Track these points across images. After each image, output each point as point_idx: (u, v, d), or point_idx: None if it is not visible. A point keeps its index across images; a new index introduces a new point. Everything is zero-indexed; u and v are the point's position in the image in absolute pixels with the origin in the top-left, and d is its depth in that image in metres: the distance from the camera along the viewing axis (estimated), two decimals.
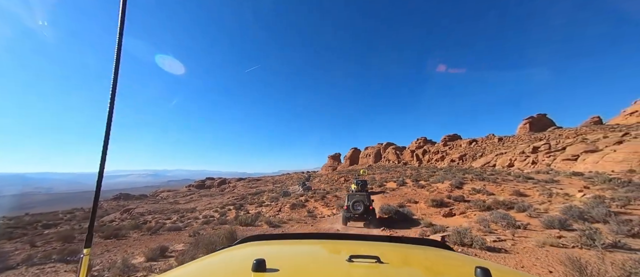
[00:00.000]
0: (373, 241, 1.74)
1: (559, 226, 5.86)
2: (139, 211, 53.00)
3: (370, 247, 1.46)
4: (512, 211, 8.78)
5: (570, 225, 5.88)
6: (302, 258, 1.27)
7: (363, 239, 1.79)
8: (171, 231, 10.75)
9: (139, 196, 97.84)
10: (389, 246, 1.55)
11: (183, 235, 8.83)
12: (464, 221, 8.87)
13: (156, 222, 29.71)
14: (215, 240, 4.98)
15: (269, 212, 20.70)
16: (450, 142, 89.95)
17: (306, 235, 1.80)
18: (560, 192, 14.91)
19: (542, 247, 4.73)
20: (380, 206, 14.01)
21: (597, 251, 4.25)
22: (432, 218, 10.51)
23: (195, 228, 10.75)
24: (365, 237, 1.85)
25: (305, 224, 10.76)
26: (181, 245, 6.76)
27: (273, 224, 10.15)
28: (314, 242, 1.64)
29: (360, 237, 1.82)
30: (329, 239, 1.74)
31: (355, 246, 1.52)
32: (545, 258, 4.48)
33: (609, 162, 28.90)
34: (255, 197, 47.82)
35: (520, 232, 6.01)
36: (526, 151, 45.60)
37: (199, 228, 10.47)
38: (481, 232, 6.07)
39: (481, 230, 6.17)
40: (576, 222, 6.12)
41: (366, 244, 1.59)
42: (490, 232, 6.03)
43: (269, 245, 1.56)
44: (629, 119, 61.52)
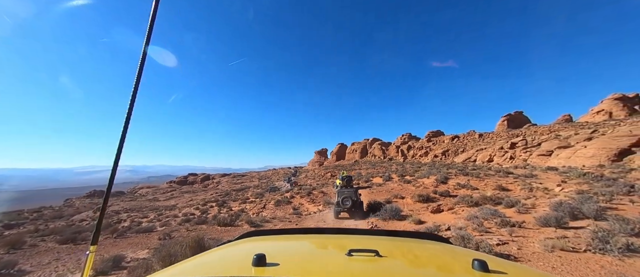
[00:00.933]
0: (372, 235, 1.75)
1: (556, 224, 5.62)
2: (114, 209, 50.13)
3: (369, 242, 1.47)
4: (500, 206, 8.70)
5: (567, 223, 5.70)
6: (302, 253, 1.28)
7: (362, 233, 1.80)
8: (142, 232, 9.76)
9: (116, 193, 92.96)
10: (388, 240, 1.57)
11: (153, 238, 7.97)
12: (453, 218, 8.67)
13: (131, 221, 27.98)
14: (176, 251, 4.26)
15: (253, 209, 19.93)
16: (434, 138, 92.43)
17: (306, 230, 1.83)
18: (539, 186, 15.29)
19: (551, 251, 4.30)
20: (367, 202, 13.69)
21: (614, 256, 3.87)
22: (420, 214, 10.29)
23: (168, 230, 9.83)
24: (365, 231, 1.89)
25: (289, 222, 10.20)
26: (145, 252, 5.96)
27: (254, 224, 9.47)
28: (313, 237, 1.65)
29: (360, 232, 1.84)
30: (328, 234, 1.75)
31: (354, 240, 1.52)
32: (566, 267, 3.81)
33: (580, 158, 30.56)
34: (240, 194, 46.63)
35: (517, 231, 5.67)
36: (505, 147, 47.50)
37: (173, 229, 9.57)
38: (476, 232, 5.73)
39: (476, 229, 5.86)
40: (572, 220, 5.90)
41: (365, 239, 1.59)
42: (485, 232, 5.71)
43: (269, 240, 1.56)
44: (596, 117, 65.92)
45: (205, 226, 9.88)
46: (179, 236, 8.05)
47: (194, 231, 8.68)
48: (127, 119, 1.18)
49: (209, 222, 10.50)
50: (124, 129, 1.19)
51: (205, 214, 25.00)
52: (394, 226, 9.14)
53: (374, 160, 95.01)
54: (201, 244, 4.62)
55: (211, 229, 9.06)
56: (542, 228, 5.67)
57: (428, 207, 11.73)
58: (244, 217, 10.52)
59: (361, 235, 1.75)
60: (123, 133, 1.18)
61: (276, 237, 1.68)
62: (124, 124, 1.18)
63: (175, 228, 10.01)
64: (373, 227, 8.74)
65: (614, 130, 36.11)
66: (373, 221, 9.79)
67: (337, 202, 11.69)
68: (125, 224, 25.79)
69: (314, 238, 1.63)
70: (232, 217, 9.97)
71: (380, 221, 9.88)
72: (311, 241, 1.56)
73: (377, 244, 1.24)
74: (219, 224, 9.33)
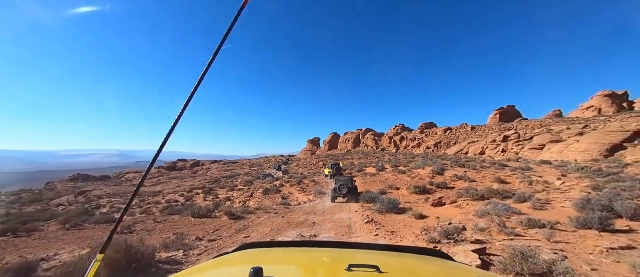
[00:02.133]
0: (372, 249, 1.72)
1: (600, 226, 4.72)
2: (96, 194, 48.14)
3: (370, 257, 1.45)
4: (510, 201, 7.89)
5: (612, 225, 4.77)
6: (300, 267, 1.24)
7: (362, 247, 1.79)
8: (104, 223, 8.47)
9: (101, 178, 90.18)
10: (388, 255, 1.55)
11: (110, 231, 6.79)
12: (458, 213, 7.80)
13: (111, 207, 26.61)
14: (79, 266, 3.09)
15: (239, 197, 18.84)
16: (427, 130, 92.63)
17: (305, 243, 1.82)
18: (539, 180, 14.72)
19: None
20: (361, 194, 12.79)
21: None
22: (420, 207, 9.40)
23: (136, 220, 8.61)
24: (365, 245, 1.87)
25: (275, 215, 9.15)
26: (77, 252, 4.78)
27: (234, 216, 8.33)
28: (312, 251, 1.62)
29: (360, 246, 1.82)
30: (328, 248, 1.73)
31: (354, 254, 1.50)
32: None
33: (573, 152, 30.59)
34: (229, 181, 45.41)
35: (555, 236, 4.45)
36: (497, 140, 47.58)
37: (139, 220, 8.35)
38: (503, 235, 4.56)
39: (502, 231, 4.88)
40: (617, 221, 4.84)
41: (365, 253, 1.57)
42: (516, 236, 4.60)
43: (267, 253, 1.54)
44: (585, 113, 66.97)
45: (178, 217, 8.70)
46: (142, 229, 6.89)
47: (163, 223, 7.52)
48: (182, 112, 1.15)
49: (182, 212, 9.32)
50: (175, 122, 1.14)
51: (189, 201, 23.83)
52: (391, 219, 8.21)
53: (367, 150, 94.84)
54: (130, 252, 3.49)
55: (183, 222, 7.92)
56: (583, 231, 4.65)
57: (427, 200, 10.88)
58: (223, 208, 9.37)
59: (361, 249, 1.71)
60: (173, 126, 1.15)
61: (274, 250, 1.63)
62: (178, 116, 1.14)
63: (141, 219, 8.80)
64: (369, 221, 7.77)
65: (605, 126, 36.33)
66: (369, 215, 8.83)
67: (334, 189, 13.45)
68: (103, 210, 24.44)
69: (314, 252, 1.60)
70: (208, 208, 8.81)
71: (377, 213, 8.94)
72: (310, 254, 1.51)
73: (377, 260, 1.21)
74: (193, 215, 8.17)
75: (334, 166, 26.31)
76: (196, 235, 6.00)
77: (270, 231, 6.74)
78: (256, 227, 7.15)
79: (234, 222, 7.78)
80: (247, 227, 7.08)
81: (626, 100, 66.43)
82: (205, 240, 5.73)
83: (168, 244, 4.80)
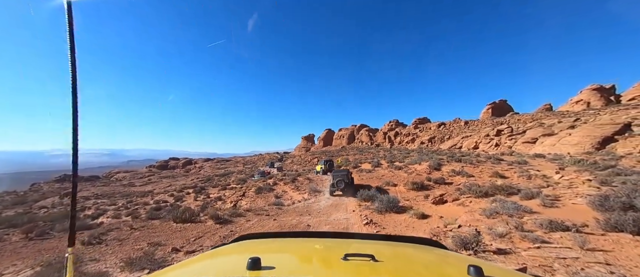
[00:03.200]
0: (368, 239, 1.74)
1: (634, 229, 4.19)
2: (83, 195, 46.53)
3: (365, 246, 1.48)
4: (516, 197, 7.45)
5: None
6: (297, 256, 1.26)
7: (358, 237, 1.80)
8: (82, 229, 7.64)
9: (89, 178, 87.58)
10: (384, 244, 1.58)
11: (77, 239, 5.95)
12: (462, 211, 7.31)
13: (96, 209, 25.52)
14: None
15: (231, 197, 18.10)
16: (421, 125, 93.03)
17: (302, 233, 1.95)
18: (537, 174, 14.46)
19: None
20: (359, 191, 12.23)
21: None
22: (420, 205, 8.90)
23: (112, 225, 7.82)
24: (360, 235, 1.93)
25: (266, 217, 8.47)
26: (25, 272, 4.03)
27: (221, 220, 7.60)
28: (309, 241, 1.64)
29: (355, 236, 1.85)
30: (324, 238, 1.76)
31: (350, 244, 1.52)
32: None
33: (565, 145, 30.82)
34: (222, 179, 44.45)
35: (588, 241, 3.84)
36: (491, 134, 47.87)
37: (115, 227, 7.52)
38: (528, 242, 4.06)
39: (525, 237, 4.31)
40: None
41: (361, 243, 1.59)
42: (542, 243, 3.99)
43: (264, 243, 1.55)
44: (575, 106, 68.17)
45: (159, 221, 7.92)
46: (114, 239, 6.11)
47: (140, 230, 6.76)
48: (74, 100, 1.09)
49: (164, 216, 8.54)
50: (73, 109, 1.09)
51: (179, 202, 22.96)
52: (392, 219, 7.67)
53: (362, 146, 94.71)
54: None
55: (163, 227, 7.15)
56: (613, 234, 4.03)
57: (427, 197, 10.40)
58: (210, 211, 8.63)
59: (357, 239, 1.71)
60: (74, 114, 1.09)
61: (272, 240, 1.65)
62: (72, 105, 1.09)
63: (116, 225, 7.99)
64: (369, 222, 7.21)
65: (595, 119, 36.80)
66: (367, 215, 8.28)
67: (332, 183, 13.93)
68: (87, 213, 23.33)
69: (310, 241, 1.62)
70: (193, 212, 8.02)
71: (376, 213, 8.39)
72: (307, 244, 1.53)
73: (372, 249, 1.24)
74: (175, 219, 7.40)
75: (326, 162, 25.93)
76: (173, 245, 5.30)
77: None
78: (244, 232, 6.48)
79: (220, 226, 7.07)
80: (234, 233, 6.41)
81: (613, 93, 67.88)
82: (183, 251, 5.03)
83: (134, 260, 4.05)
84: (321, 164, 26.08)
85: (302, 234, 1.83)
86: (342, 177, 13.88)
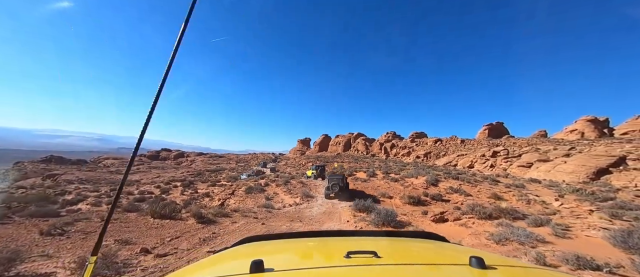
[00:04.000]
0: (370, 236, 1.78)
1: None
2: (66, 179, 44.98)
3: (367, 243, 1.50)
4: (522, 223, 6.98)
5: None
6: (300, 257, 1.27)
7: (360, 234, 1.86)
8: (44, 217, 6.76)
9: (77, 161, 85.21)
10: (386, 240, 1.60)
11: (38, 228, 5.16)
12: (466, 233, 6.79)
13: (77, 194, 24.37)
14: None
15: (219, 194, 17.34)
16: (418, 139, 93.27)
17: (304, 234, 1.87)
18: (536, 199, 14.12)
19: None
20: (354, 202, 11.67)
21: None
22: (419, 222, 8.37)
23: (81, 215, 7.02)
24: (362, 233, 2.12)
25: (254, 219, 7.78)
26: None
27: (204, 219, 6.88)
28: (312, 241, 1.64)
29: (357, 234, 2.00)
30: (326, 237, 1.77)
31: (352, 242, 1.52)
32: None
33: (560, 173, 30.83)
34: (213, 175, 43.38)
35: None
36: (487, 154, 47.93)
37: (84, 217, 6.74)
38: None
39: None
40: None
41: (363, 240, 1.60)
42: None
43: (267, 245, 1.55)
44: (569, 135, 69.17)
45: (136, 214, 7.17)
46: (79, 231, 5.37)
47: (113, 223, 6.04)
48: (157, 97, 1.10)
49: (141, 210, 7.76)
50: (152, 107, 1.10)
51: (165, 194, 22.01)
52: None
53: (357, 155, 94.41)
54: None
55: (138, 222, 6.42)
56: None
57: (425, 214, 9.89)
58: (193, 208, 7.89)
59: (359, 237, 1.74)
60: (150, 111, 1.10)
61: (275, 242, 1.63)
62: (153, 102, 1.10)
63: (87, 214, 7.20)
64: None
65: (590, 149, 37.09)
66: (363, 227, 7.71)
67: (327, 187, 14.50)
68: (67, 197, 22.23)
69: (313, 241, 1.62)
70: (173, 207, 7.28)
71: (372, 226, 7.81)
72: (310, 244, 1.53)
73: (375, 245, 1.23)
74: (153, 213, 6.67)
75: (318, 168, 25.90)
76: (144, 244, 4.60)
77: None
78: (227, 236, 5.82)
79: (202, 226, 6.39)
80: (216, 236, 5.74)
81: (607, 126, 69.17)
82: (153, 254, 4.34)
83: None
84: (312, 169, 25.75)
85: (305, 234, 1.85)
86: (337, 181, 14.53)
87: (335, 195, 14.16)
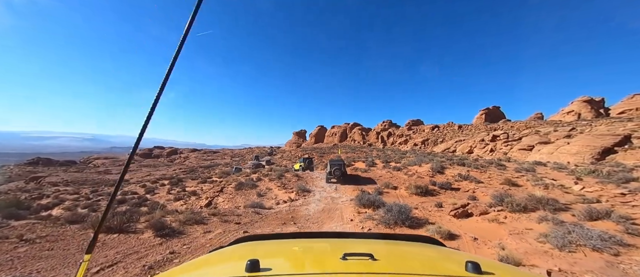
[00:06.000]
0: (366, 238, 1.75)
1: None
2: (50, 181, 42.82)
3: (364, 245, 1.46)
4: (566, 215, 5.67)
5: None
6: (296, 257, 1.26)
7: (356, 237, 1.81)
8: None
9: (65, 162, 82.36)
10: (382, 243, 1.57)
11: None
12: (502, 232, 5.41)
13: (55, 197, 22.60)
14: None
15: (208, 191, 15.79)
16: (414, 127, 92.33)
17: (300, 234, 1.83)
18: (554, 183, 12.91)
19: None
20: (356, 195, 10.26)
21: None
22: (435, 217, 6.97)
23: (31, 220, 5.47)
24: (359, 235, 1.93)
25: (236, 226, 6.20)
26: None
27: (165, 231, 5.04)
28: (308, 241, 1.62)
29: (354, 236, 1.85)
30: (322, 238, 1.73)
31: (348, 244, 1.51)
32: None
33: (564, 154, 29.96)
34: (206, 171, 41.69)
35: None
36: (486, 139, 47.06)
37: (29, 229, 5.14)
38: None
39: None
40: None
41: (360, 242, 1.57)
42: None
43: (263, 245, 1.53)
44: (566, 117, 68.81)
45: (77, 227, 5.56)
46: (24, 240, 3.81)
47: (34, 244, 4.42)
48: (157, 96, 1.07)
49: (86, 221, 6.08)
50: (152, 106, 1.06)
51: (150, 194, 20.42)
52: None
53: (354, 145, 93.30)
54: None
55: (73, 239, 4.71)
56: None
57: (439, 206, 8.52)
58: (155, 215, 6.21)
59: (355, 239, 1.72)
60: (150, 111, 1.07)
61: (270, 242, 1.62)
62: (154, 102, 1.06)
63: (51, 222, 5.60)
64: None
65: (591, 130, 36.33)
66: (371, 228, 6.28)
67: (329, 172, 15.68)
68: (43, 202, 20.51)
69: (309, 242, 1.59)
70: (130, 214, 5.68)
71: (382, 226, 6.38)
72: (305, 245, 1.51)
73: (371, 248, 1.23)
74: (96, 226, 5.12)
75: (305, 160, 26.77)
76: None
77: None
78: (190, 255, 4.24)
79: (159, 243, 4.73)
80: (174, 257, 4.06)
81: (603, 106, 68.97)
82: None
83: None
84: (300, 162, 26.42)
85: (301, 235, 1.81)
86: (338, 166, 15.65)
87: (337, 179, 15.33)
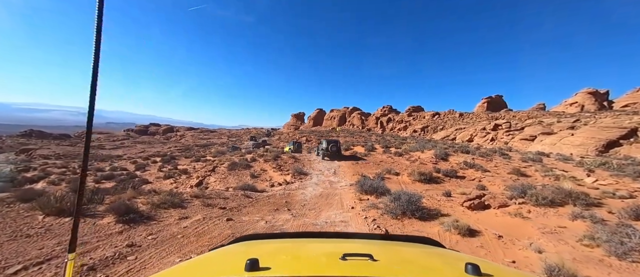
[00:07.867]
0: (366, 239, 1.75)
1: None
2: (41, 154, 41.82)
3: (363, 246, 1.46)
4: (601, 210, 4.93)
5: None
6: (295, 257, 1.25)
7: (356, 237, 1.79)
8: None
9: (59, 136, 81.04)
10: (382, 243, 1.57)
11: None
12: (529, 228, 4.66)
13: (41, 170, 21.75)
14: None
15: (200, 170, 14.97)
16: (415, 113, 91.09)
17: (300, 234, 1.94)
18: (565, 174, 12.19)
19: None
20: (356, 180, 9.46)
21: None
22: (448, 208, 6.19)
23: None
24: (359, 235, 1.92)
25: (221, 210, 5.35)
26: None
27: (130, 214, 3.75)
28: (307, 241, 1.61)
29: (354, 236, 1.86)
30: (322, 238, 1.73)
31: (348, 244, 1.50)
32: None
33: (567, 145, 29.36)
34: (201, 150, 40.88)
35: None
36: (487, 128, 46.29)
37: None
38: None
39: None
40: None
41: (359, 242, 1.58)
42: None
43: (262, 244, 1.53)
44: (569, 108, 67.87)
45: (26, 206, 4.53)
46: None
47: None
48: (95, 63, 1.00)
49: (42, 198, 5.06)
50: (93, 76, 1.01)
51: (140, 170, 19.62)
52: (418, 227, 4.92)
53: (353, 129, 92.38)
54: None
55: (14, 222, 3.87)
56: None
57: (448, 196, 7.76)
58: (126, 194, 5.24)
59: (355, 239, 1.72)
60: (92, 84, 1.00)
61: (270, 241, 1.62)
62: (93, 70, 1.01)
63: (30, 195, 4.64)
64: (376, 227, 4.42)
65: (596, 121, 35.57)
66: (375, 218, 5.48)
67: (325, 148, 16.83)
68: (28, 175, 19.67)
69: (308, 242, 1.59)
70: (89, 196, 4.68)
71: (388, 217, 5.59)
72: (305, 245, 1.51)
73: (371, 248, 1.23)
74: (44, 208, 3.89)
75: (295, 143, 27.65)
76: None
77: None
78: (153, 249, 3.37)
79: (119, 231, 3.81)
80: (133, 251, 3.17)
81: (607, 99, 67.92)
82: None
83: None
84: (290, 145, 27.02)
85: (301, 235, 1.86)
86: (335, 143, 17.23)
87: (330, 155, 16.55)
